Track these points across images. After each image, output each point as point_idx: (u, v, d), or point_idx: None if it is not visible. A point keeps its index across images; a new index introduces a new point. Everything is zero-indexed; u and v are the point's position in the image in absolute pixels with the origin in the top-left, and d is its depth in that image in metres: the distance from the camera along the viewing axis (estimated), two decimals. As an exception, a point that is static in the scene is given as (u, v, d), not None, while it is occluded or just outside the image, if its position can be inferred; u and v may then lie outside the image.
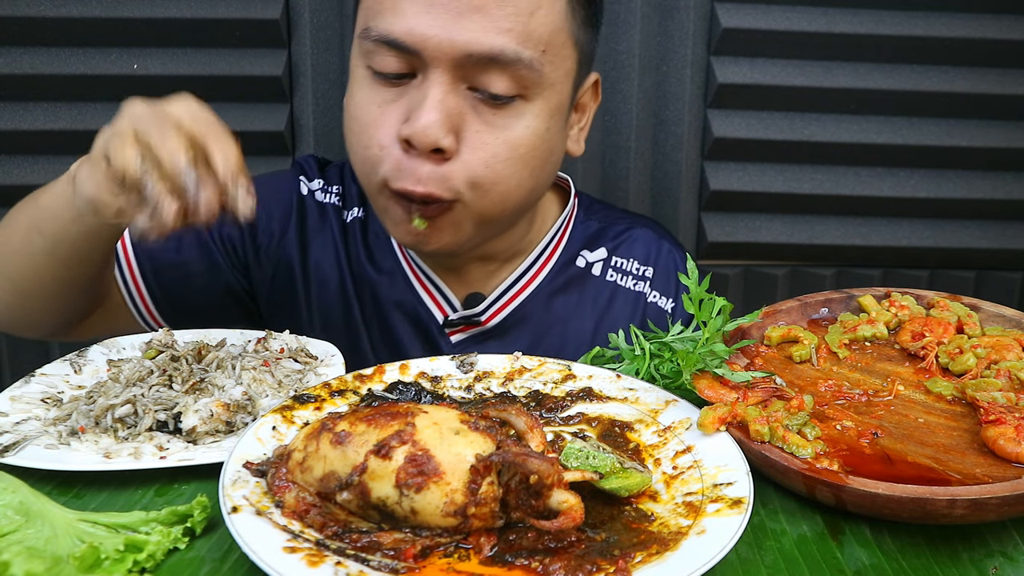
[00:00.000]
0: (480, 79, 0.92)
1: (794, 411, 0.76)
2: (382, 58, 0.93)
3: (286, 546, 0.59)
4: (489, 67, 0.91)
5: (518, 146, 0.96)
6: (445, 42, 0.89)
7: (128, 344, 0.96)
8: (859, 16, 1.57)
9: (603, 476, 0.67)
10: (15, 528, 0.61)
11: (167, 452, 0.76)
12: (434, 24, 0.89)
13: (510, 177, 0.96)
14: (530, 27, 0.91)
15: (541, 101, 0.96)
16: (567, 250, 1.17)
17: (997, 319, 0.94)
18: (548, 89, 0.96)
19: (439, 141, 0.91)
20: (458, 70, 0.91)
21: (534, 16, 0.92)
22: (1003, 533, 0.70)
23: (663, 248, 1.20)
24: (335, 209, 1.20)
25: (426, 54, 0.91)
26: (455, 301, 1.13)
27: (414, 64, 0.93)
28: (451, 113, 0.92)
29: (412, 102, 0.93)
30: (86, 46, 1.50)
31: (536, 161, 0.98)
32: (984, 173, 1.66)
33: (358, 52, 0.98)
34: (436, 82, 0.91)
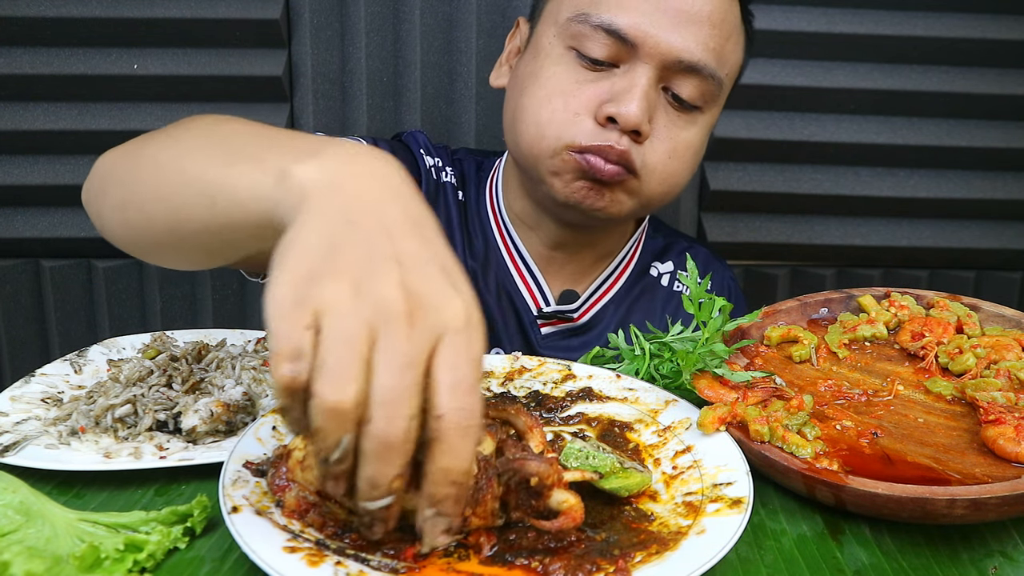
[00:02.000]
0: (676, 82, 1.05)
1: (794, 411, 0.76)
2: (595, 43, 1.03)
3: (286, 546, 0.59)
4: (689, 75, 1.04)
5: (689, 147, 1.08)
6: (663, 43, 1.01)
7: (128, 344, 0.96)
8: (859, 16, 1.57)
9: (603, 476, 0.67)
10: (15, 528, 0.61)
11: (167, 452, 0.76)
12: (656, 24, 1.01)
13: (677, 172, 1.09)
14: (724, 51, 1.05)
15: (710, 116, 1.10)
16: (641, 260, 1.28)
17: (997, 319, 0.94)
18: (716, 108, 1.10)
19: (641, 124, 1.02)
20: (663, 70, 1.03)
21: (728, 41, 1.06)
22: (1003, 533, 0.70)
23: (718, 268, 1.33)
24: (452, 189, 1.23)
25: (643, 49, 1.01)
26: (549, 295, 1.20)
27: (623, 55, 1.03)
28: (651, 105, 1.04)
29: (616, 87, 1.03)
30: (86, 46, 1.50)
31: (692, 167, 1.12)
32: (984, 173, 1.66)
33: (560, 32, 1.06)
34: (644, 75, 1.02)
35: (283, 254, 0.56)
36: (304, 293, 0.53)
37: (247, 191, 0.66)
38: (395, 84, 1.59)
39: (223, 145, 0.75)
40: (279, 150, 0.67)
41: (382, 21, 1.55)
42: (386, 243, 0.56)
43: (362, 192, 0.60)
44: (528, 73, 1.10)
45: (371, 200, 0.59)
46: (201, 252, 0.79)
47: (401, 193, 0.61)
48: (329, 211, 0.58)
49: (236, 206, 0.68)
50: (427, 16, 1.55)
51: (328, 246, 0.56)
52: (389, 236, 0.57)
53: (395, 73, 1.59)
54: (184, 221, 0.75)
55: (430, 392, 0.53)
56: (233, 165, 0.70)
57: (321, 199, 0.59)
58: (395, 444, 0.52)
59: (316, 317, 0.53)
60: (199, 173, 0.73)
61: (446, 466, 0.54)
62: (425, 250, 0.57)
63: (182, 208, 0.74)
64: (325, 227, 0.57)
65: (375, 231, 0.57)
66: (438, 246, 0.59)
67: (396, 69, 1.59)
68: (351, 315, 0.53)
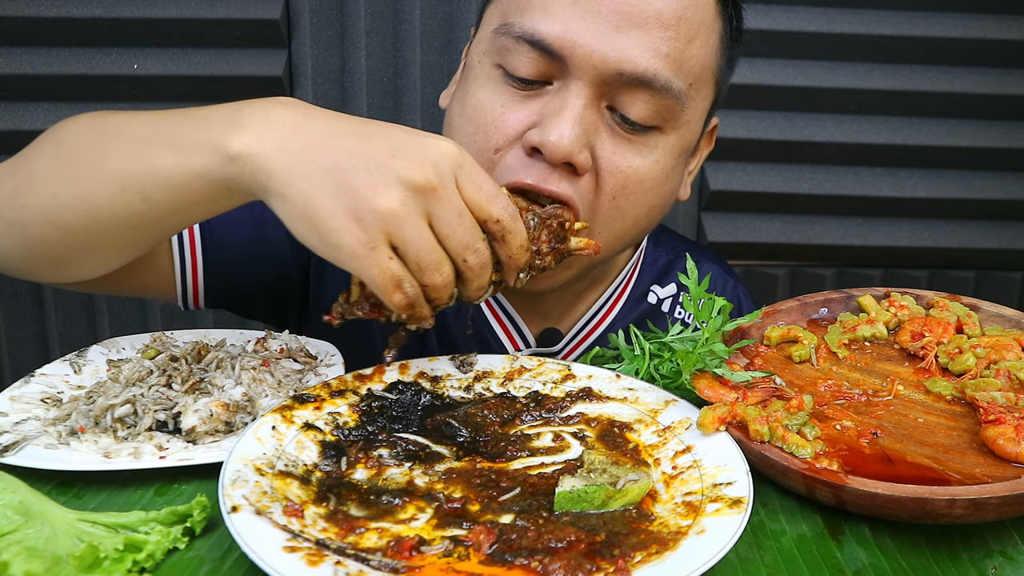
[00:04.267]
0: (623, 100, 0.86)
1: (794, 411, 0.76)
2: (519, 58, 0.86)
3: (286, 545, 0.59)
4: (636, 89, 0.85)
5: (644, 180, 0.90)
6: (596, 53, 0.83)
7: (128, 344, 0.96)
8: (859, 16, 1.57)
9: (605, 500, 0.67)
10: (15, 528, 0.60)
11: (167, 452, 0.76)
12: (588, 31, 0.83)
13: (629, 213, 0.91)
14: (685, 56, 0.86)
15: (675, 137, 0.91)
16: (639, 284, 1.13)
17: (997, 319, 0.94)
18: (684, 126, 0.91)
19: (572, 155, 0.84)
20: (602, 86, 0.85)
21: (690, 45, 0.87)
22: (1003, 533, 0.70)
23: (728, 283, 1.19)
24: None
25: (573, 63, 0.84)
26: (529, 336, 1.08)
27: (553, 71, 0.86)
28: (588, 129, 0.85)
29: (546, 110, 0.86)
30: (86, 46, 1.51)
31: (656, 200, 0.93)
32: (984, 173, 1.67)
33: (488, 48, 0.91)
34: (576, 93, 0.84)
35: (314, 225, 0.69)
36: (367, 233, 0.68)
37: (186, 176, 0.74)
38: (395, 84, 1.59)
39: (126, 136, 0.78)
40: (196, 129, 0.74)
41: (382, 21, 1.56)
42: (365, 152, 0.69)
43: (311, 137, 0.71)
44: (458, 100, 0.95)
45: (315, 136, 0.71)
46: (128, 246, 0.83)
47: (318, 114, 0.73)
48: (302, 170, 0.69)
49: (178, 193, 0.75)
50: (427, 16, 1.55)
51: (339, 190, 0.68)
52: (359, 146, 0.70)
53: (395, 73, 1.59)
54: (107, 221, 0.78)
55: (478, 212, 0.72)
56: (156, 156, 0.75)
57: (283, 164, 0.69)
58: (487, 261, 0.74)
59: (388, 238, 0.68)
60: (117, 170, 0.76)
61: (519, 243, 0.76)
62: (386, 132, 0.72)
63: (103, 209, 0.77)
64: (318, 178, 0.69)
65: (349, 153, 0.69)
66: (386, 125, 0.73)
67: (396, 69, 1.59)
68: (406, 215, 0.68)
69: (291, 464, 0.70)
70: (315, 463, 0.72)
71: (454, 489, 0.69)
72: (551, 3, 0.85)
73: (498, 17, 0.91)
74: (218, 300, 1.06)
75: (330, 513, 0.65)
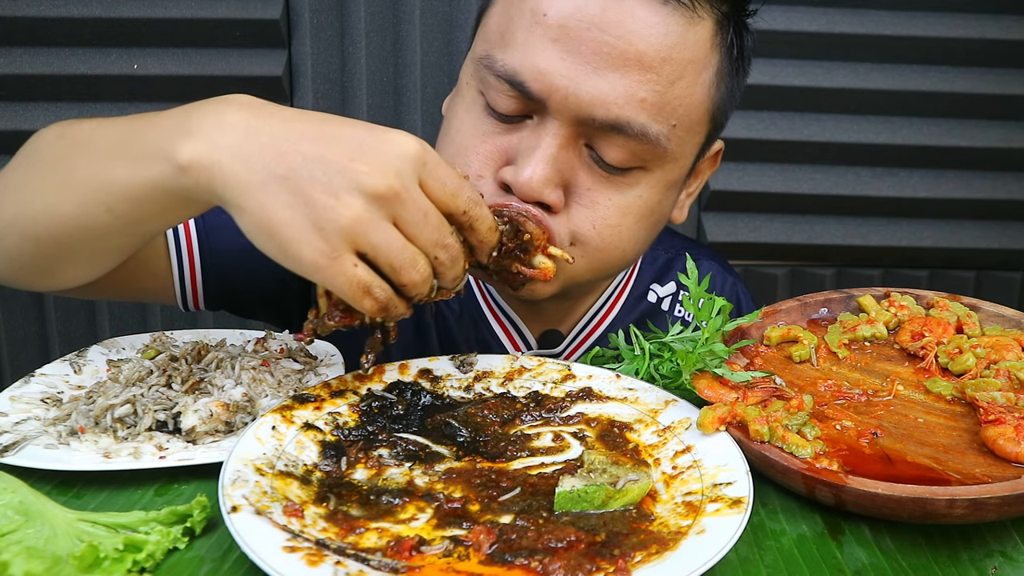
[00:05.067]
0: (599, 143, 0.85)
1: (794, 411, 0.76)
2: (499, 95, 0.86)
3: (286, 545, 0.59)
4: (610, 134, 0.84)
5: (627, 213, 0.89)
6: (572, 97, 0.82)
7: (128, 344, 0.96)
8: (859, 16, 1.57)
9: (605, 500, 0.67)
10: (15, 528, 0.60)
11: (167, 452, 0.76)
12: (566, 74, 0.82)
13: (614, 243, 0.90)
14: (667, 98, 0.84)
15: (661, 173, 0.89)
16: (639, 283, 1.13)
17: (997, 319, 0.94)
18: (671, 163, 0.89)
19: (543, 196, 0.85)
20: (579, 126, 0.84)
21: (674, 86, 0.84)
22: (1003, 533, 0.70)
23: (728, 281, 1.19)
24: None
25: (550, 104, 0.83)
26: (530, 338, 1.08)
27: (532, 107, 0.86)
28: (562, 168, 0.85)
29: (522, 146, 0.86)
30: (86, 46, 1.51)
31: (643, 231, 0.92)
32: (984, 173, 1.67)
33: (473, 73, 0.91)
34: (552, 133, 0.84)
35: (272, 237, 0.66)
36: (328, 243, 0.65)
37: (144, 187, 0.72)
38: (395, 84, 1.59)
39: (90, 148, 0.77)
40: (150, 138, 0.72)
41: (382, 21, 1.56)
42: (322, 157, 0.66)
43: (260, 141, 0.67)
44: (448, 113, 0.97)
45: (270, 140, 0.67)
46: (101, 256, 0.83)
47: (274, 114, 0.70)
48: (256, 179, 0.66)
49: (139, 204, 0.74)
50: (427, 16, 1.55)
51: (296, 200, 0.66)
52: (315, 150, 0.67)
53: (395, 73, 1.59)
54: (77, 232, 0.78)
55: (444, 207, 0.71)
56: (114, 167, 0.74)
57: (237, 172, 0.67)
58: (458, 253, 0.73)
59: (352, 247, 0.66)
60: (81, 182, 0.75)
61: (487, 226, 0.75)
62: (344, 132, 0.69)
63: (72, 220, 0.77)
64: (272, 192, 0.66)
65: (305, 159, 0.66)
66: (346, 122, 0.70)
67: (396, 69, 1.59)
68: (371, 222, 0.66)
69: (291, 464, 0.70)
70: (315, 463, 0.72)
71: (454, 489, 0.69)
72: (532, 40, 0.83)
73: (482, 43, 0.90)
74: (218, 303, 1.07)
75: (330, 513, 0.65)
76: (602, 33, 0.82)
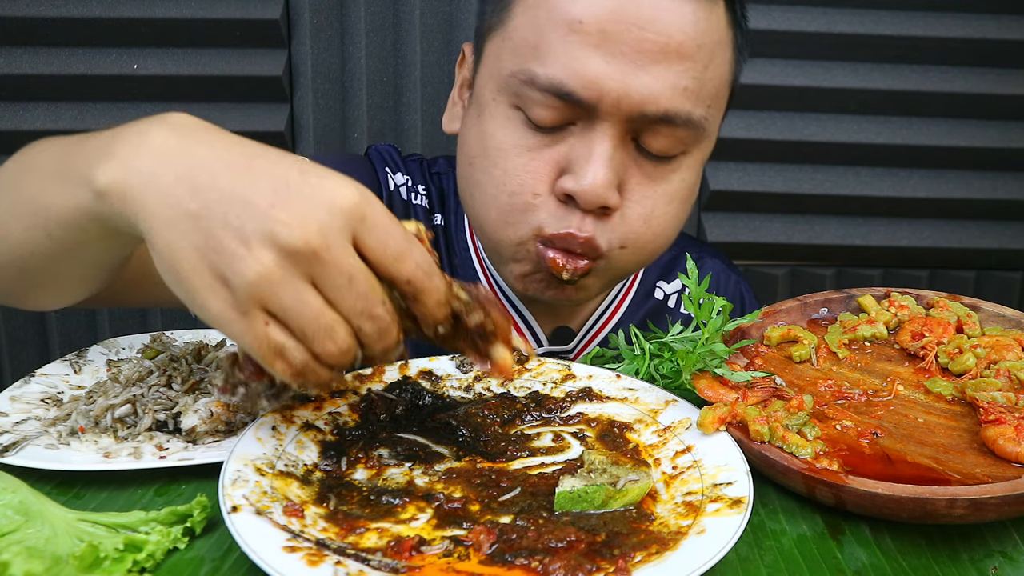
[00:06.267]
0: (646, 136, 0.87)
1: (794, 411, 0.76)
2: (543, 108, 0.85)
3: (286, 545, 0.59)
4: (657, 126, 0.86)
5: (673, 199, 0.92)
6: (623, 97, 0.83)
7: (128, 344, 0.96)
8: (859, 16, 1.57)
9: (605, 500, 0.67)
10: (15, 528, 0.60)
11: (167, 452, 0.76)
12: (614, 76, 0.82)
13: (662, 233, 0.93)
14: (703, 82, 0.87)
15: (698, 153, 0.93)
16: (645, 281, 1.14)
17: (997, 319, 0.94)
18: (706, 142, 0.93)
19: (608, 199, 0.86)
20: (628, 123, 0.86)
21: (707, 70, 0.87)
22: (1003, 533, 0.70)
23: (732, 280, 1.21)
24: (425, 213, 1.08)
25: (601, 108, 0.84)
26: (541, 335, 1.09)
27: (577, 114, 0.86)
28: (617, 168, 0.87)
29: (574, 153, 0.87)
30: (86, 46, 1.51)
31: (684, 214, 0.95)
32: (984, 173, 1.67)
33: (502, 88, 0.89)
34: (606, 135, 0.85)
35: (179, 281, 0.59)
36: (235, 298, 0.57)
37: (73, 213, 0.66)
38: (395, 84, 1.59)
39: (35, 173, 0.73)
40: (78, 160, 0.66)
41: (382, 21, 1.56)
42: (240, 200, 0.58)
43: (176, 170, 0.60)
44: (475, 137, 0.93)
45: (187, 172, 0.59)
46: (64, 282, 0.78)
47: (203, 139, 0.62)
48: (167, 213, 0.59)
49: (72, 229, 0.68)
50: (427, 16, 1.55)
51: (203, 245, 0.57)
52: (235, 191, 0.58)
53: (395, 73, 1.59)
54: (29, 258, 0.74)
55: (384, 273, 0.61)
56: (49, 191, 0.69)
57: (148, 202, 0.59)
58: (386, 326, 0.62)
59: (262, 306, 0.57)
60: (25, 208, 0.72)
61: (435, 300, 0.64)
62: (272, 173, 0.59)
63: (23, 245, 0.73)
64: (182, 231, 0.58)
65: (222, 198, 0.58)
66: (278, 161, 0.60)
67: (396, 69, 1.59)
68: (282, 282, 0.57)
69: (291, 464, 0.70)
70: (315, 463, 0.72)
71: (454, 489, 0.69)
72: (572, 49, 0.83)
73: (510, 58, 0.88)
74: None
75: (330, 513, 0.65)
76: (641, 31, 0.83)
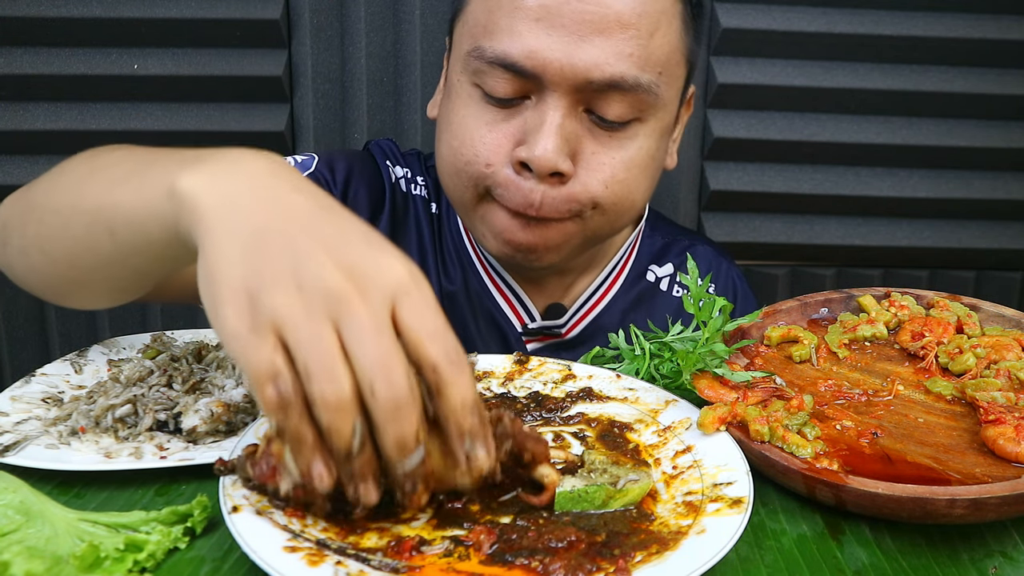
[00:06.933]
0: (598, 103, 0.91)
1: (794, 411, 0.76)
2: (495, 80, 0.91)
3: (286, 545, 0.59)
4: (608, 92, 0.90)
5: (632, 166, 0.96)
6: (567, 67, 0.88)
7: (128, 344, 0.96)
8: (859, 16, 1.57)
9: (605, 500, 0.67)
10: (15, 528, 0.61)
11: (167, 452, 0.76)
12: (555, 47, 0.87)
13: (626, 196, 0.97)
14: (649, 50, 0.90)
15: (655, 121, 0.96)
16: (637, 264, 1.18)
17: (997, 319, 0.94)
18: (662, 109, 0.97)
19: (558, 166, 0.90)
20: (576, 94, 0.90)
21: (653, 38, 0.91)
22: (1003, 533, 0.70)
23: (723, 266, 1.24)
24: (424, 203, 1.12)
25: (546, 78, 0.89)
26: (534, 310, 1.12)
27: (529, 87, 0.91)
28: (569, 137, 0.91)
29: (528, 125, 0.91)
30: (86, 46, 1.51)
31: (648, 180, 1.00)
32: (984, 173, 1.66)
33: (463, 68, 0.95)
34: (554, 106, 0.90)
35: (211, 285, 0.57)
36: (254, 316, 0.55)
37: (142, 213, 0.67)
38: (395, 84, 1.59)
39: (108, 173, 0.74)
40: (163, 166, 0.67)
41: (382, 21, 1.56)
42: (303, 236, 0.57)
43: (258, 195, 0.60)
44: (443, 116, 1.00)
45: (269, 199, 0.60)
46: (110, 285, 0.79)
47: (297, 185, 0.62)
48: (232, 226, 0.58)
49: (136, 231, 0.69)
50: (427, 16, 1.55)
51: (251, 262, 0.56)
52: (303, 228, 0.57)
53: (395, 73, 1.59)
54: (85, 256, 0.75)
55: (412, 352, 0.56)
56: (122, 190, 0.70)
57: (218, 213, 0.59)
58: (404, 399, 0.54)
59: (277, 333, 0.54)
60: (92, 205, 0.73)
61: (462, 398, 0.57)
62: (342, 229, 0.58)
63: (81, 242, 0.74)
64: (237, 244, 0.57)
65: (288, 230, 0.57)
66: (352, 222, 0.60)
67: (396, 69, 1.59)
68: (306, 316, 0.54)
69: (292, 464, 0.70)
70: (315, 463, 0.72)
71: (454, 489, 0.69)
72: (516, 24, 0.89)
73: (468, 39, 0.95)
74: None
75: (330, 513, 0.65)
76: (580, 4, 0.88)
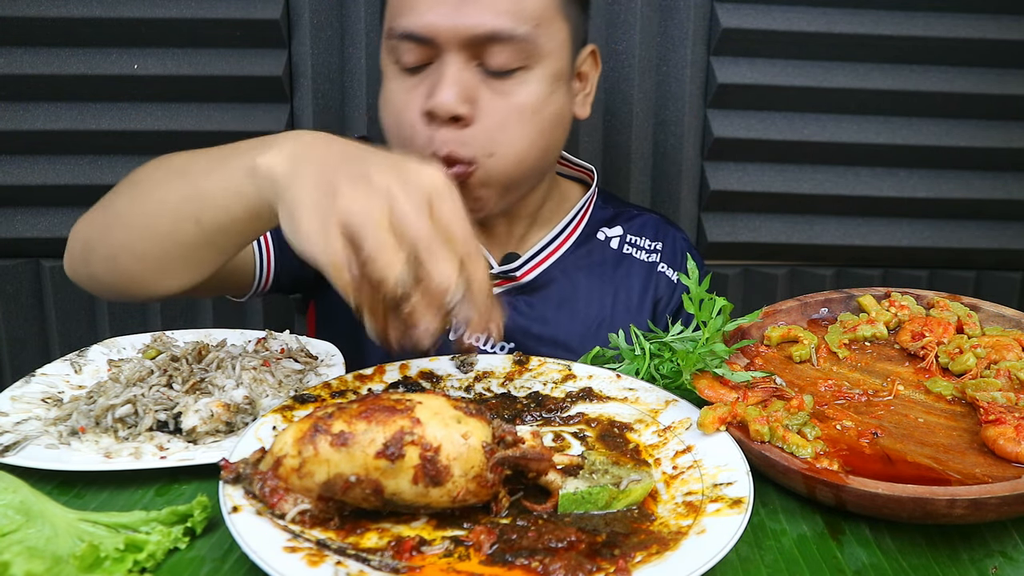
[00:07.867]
0: (485, 55, 1.05)
1: (794, 411, 0.76)
2: (405, 52, 1.07)
3: (286, 546, 0.59)
4: (491, 44, 1.04)
5: (525, 109, 1.08)
6: (451, 28, 1.03)
7: (128, 344, 0.96)
8: (859, 16, 1.57)
9: (608, 501, 0.67)
10: (15, 528, 0.61)
11: (167, 452, 0.76)
12: (441, 14, 1.03)
13: (522, 138, 1.09)
14: (521, 6, 1.05)
15: (541, 68, 1.09)
16: (588, 226, 1.30)
17: (997, 319, 0.94)
18: (547, 58, 1.09)
19: (456, 109, 1.03)
20: (467, 50, 1.04)
21: None
22: (1003, 533, 0.70)
23: (670, 231, 1.34)
24: None
25: (439, 40, 1.04)
26: (491, 259, 1.24)
27: (431, 53, 1.06)
28: (466, 86, 1.05)
29: (432, 82, 1.06)
30: (86, 46, 1.50)
31: (544, 122, 1.11)
32: (984, 173, 1.66)
33: (386, 50, 1.12)
34: (449, 62, 1.05)
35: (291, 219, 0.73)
36: (323, 218, 0.70)
37: (227, 196, 0.82)
38: (395, 84, 1.59)
39: (185, 171, 0.89)
40: (237, 156, 0.83)
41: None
42: (356, 161, 0.75)
43: (322, 153, 0.78)
44: (380, 97, 1.15)
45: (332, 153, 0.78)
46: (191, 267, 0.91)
47: (347, 141, 0.80)
48: (305, 172, 0.76)
49: (221, 213, 0.84)
50: (427, 16, 1.55)
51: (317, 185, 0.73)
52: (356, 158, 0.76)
53: (395, 73, 1.59)
54: (175, 246, 0.88)
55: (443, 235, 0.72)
56: (202, 181, 0.85)
57: (295, 170, 0.77)
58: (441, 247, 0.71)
59: (343, 227, 0.70)
60: (175, 201, 0.87)
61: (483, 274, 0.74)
62: (389, 155, 0.77)
63: (169, 235, 0.88)
64: (310, 179, 0.74)
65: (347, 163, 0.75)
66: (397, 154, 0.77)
67: (396, 69, 1.58)
68: (363, 209, 0.70)
69: (292, 464, 0.70)
70: (316, 463, 0.72)
71: (455, 489, 0.69)
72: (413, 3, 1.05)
73: (386, 24, 1.11)
74: (282, 287, 1.23)
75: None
76: None
